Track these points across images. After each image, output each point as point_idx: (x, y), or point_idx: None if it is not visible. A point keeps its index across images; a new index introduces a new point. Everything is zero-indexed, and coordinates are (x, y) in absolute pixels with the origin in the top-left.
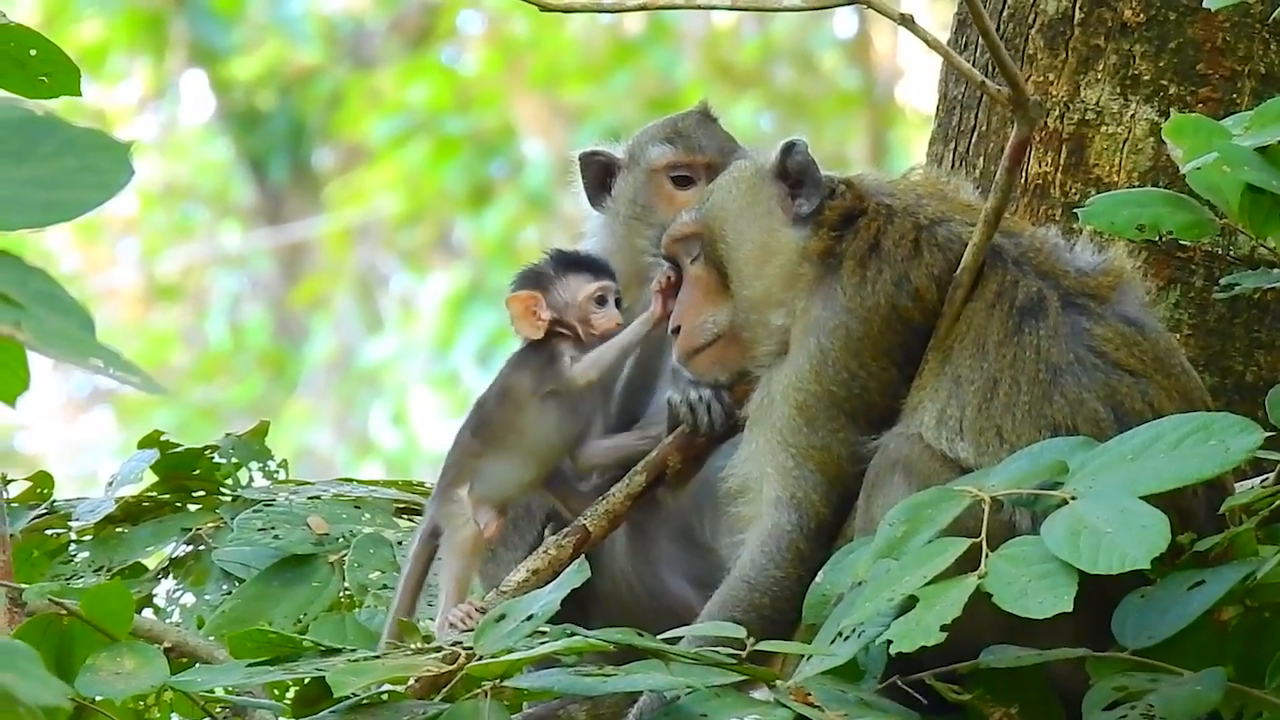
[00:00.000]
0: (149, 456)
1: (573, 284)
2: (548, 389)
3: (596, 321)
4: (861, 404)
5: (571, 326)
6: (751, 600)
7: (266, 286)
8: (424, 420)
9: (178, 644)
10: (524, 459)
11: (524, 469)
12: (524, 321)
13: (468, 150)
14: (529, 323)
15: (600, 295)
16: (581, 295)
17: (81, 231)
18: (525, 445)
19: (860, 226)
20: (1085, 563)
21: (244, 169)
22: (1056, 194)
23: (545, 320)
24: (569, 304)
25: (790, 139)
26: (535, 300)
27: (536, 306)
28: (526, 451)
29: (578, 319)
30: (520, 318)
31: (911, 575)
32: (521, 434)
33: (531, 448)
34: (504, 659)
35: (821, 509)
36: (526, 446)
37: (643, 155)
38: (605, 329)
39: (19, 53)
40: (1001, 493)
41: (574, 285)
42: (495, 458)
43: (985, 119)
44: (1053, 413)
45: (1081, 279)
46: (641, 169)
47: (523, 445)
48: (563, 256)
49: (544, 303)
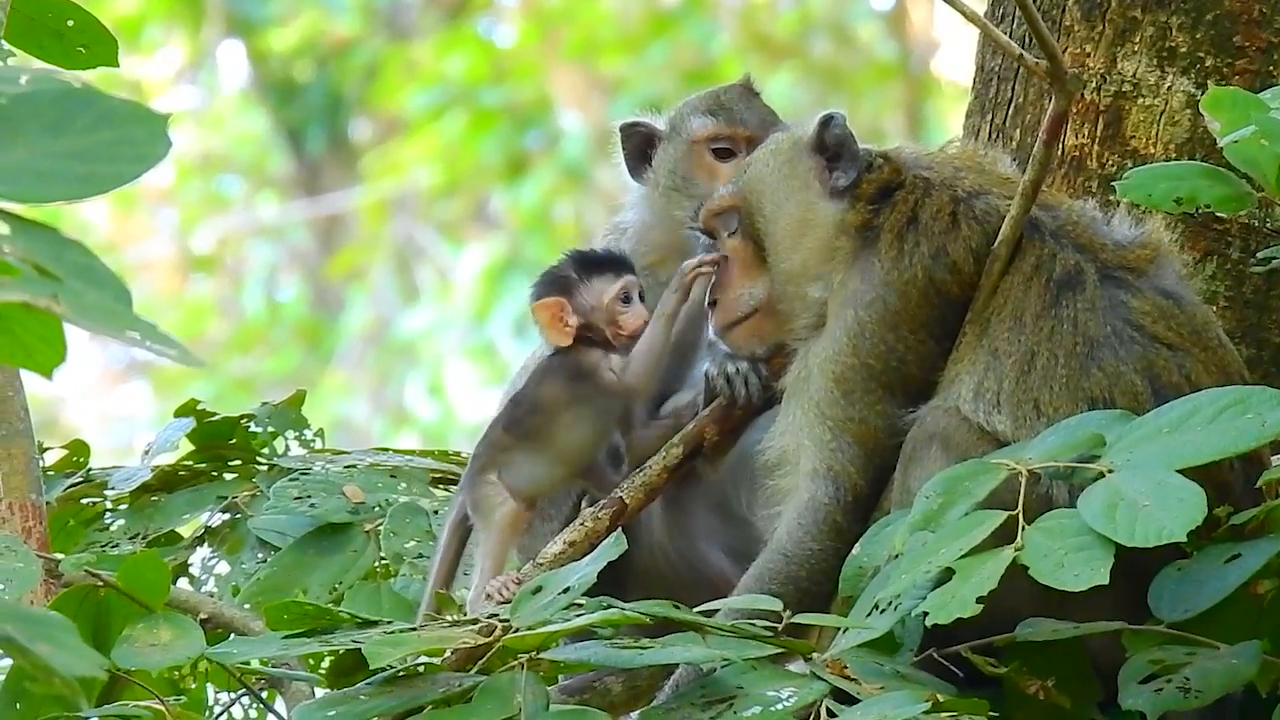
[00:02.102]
0: (185, 425)
1: (597, 286)
2: (583, 397)
3: (624, 321)
4: (899, 377)
5: (599, 330)
6: (788, 573)
7: (303, 258)
8: (460, 391)
9: (214, 615)
10: (554, 460)
11: (554, 468)
12: (552, 330)
13: (504, 122)
14: (557, 330)
15: (625, 294)
16: (607, 297)
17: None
18: (556, 448)
19: (898, 199)
20: (1122, 535)
21: (281, 140)
22: (1093, 166)
23: (573, 326)
24: (595, 307)
25: (828, 112)
26: (561, 306)
27: (563, 313)
28: (557, 454)
29: (605, 321)
30: (548, 326)
31: (948, 548)
32: (552, 439)
33: (562, 451)
34: (540, 631)
35: (858, 481)
36: (557, 450)
37: (684, 127)
38: (634, 328)
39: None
40: (1038, 465)
41: (598, 287)
42: (525, 455)
43: (1022, 91)
44: (1090, 386)
45: (1119, 252)
46: (682, 140)
47: (553, 448)
48: (583, 258)
49: (570, 308)
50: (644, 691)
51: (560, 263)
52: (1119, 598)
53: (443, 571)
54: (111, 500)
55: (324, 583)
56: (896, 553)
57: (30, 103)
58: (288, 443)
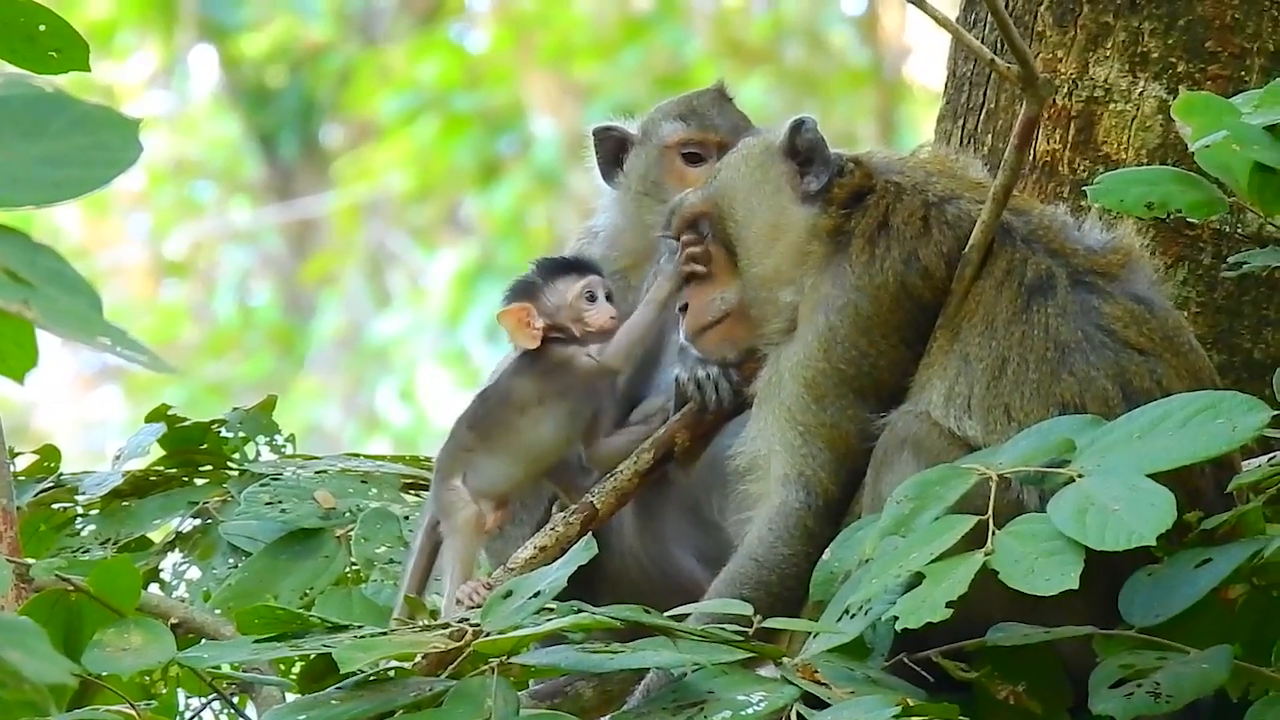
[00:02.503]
0: (156, 430)
1: (560, 287)
2: (551, 394)
3: (590, 318)
4: (870, 382)
5: (566, 328)
6: (759, 577)
7: (275, 263)
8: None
9: (185, 620)
10: (517, 459)
11: (516, 468)
12: (519, 333)
13: (477, 127)
14: (524, 334)
15: (589, 292)
16: (570, 295)
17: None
18: (520, 446)
19: (869, 204)
20: (1092, 540)
21: (253, 145)
22: (1065, 171)
23: (539, 329)
24: (560, 306)
25: (799, 116)
26: (526, 311)
27: (529, 317)
28: (520, 452)
29: (571, 319)
30: (515, 330)
31: (919, 552)
32: (518, 435)
33: (526, 449)
34: (511, 636)
35: (830, 486)
36: (521, 447)
37: (656, 132)
38: (600, 323)
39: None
40: (1009, 470)
41: (561, 288)
42: (488, 454)
43: (994, 96)
44: (1061, 391)
45: (1090, 257)
46: (654, 145)
47: (518, 446)
48: (546, 263)
49: (534, 312)
50: (615, 696)
51: (526, 270)
52: (1090, 602)
53: (415, 577)
54: (83, 505)
55: (295, 588)
56: (867, 557)
57: (2, 108)
58: (259, 448)
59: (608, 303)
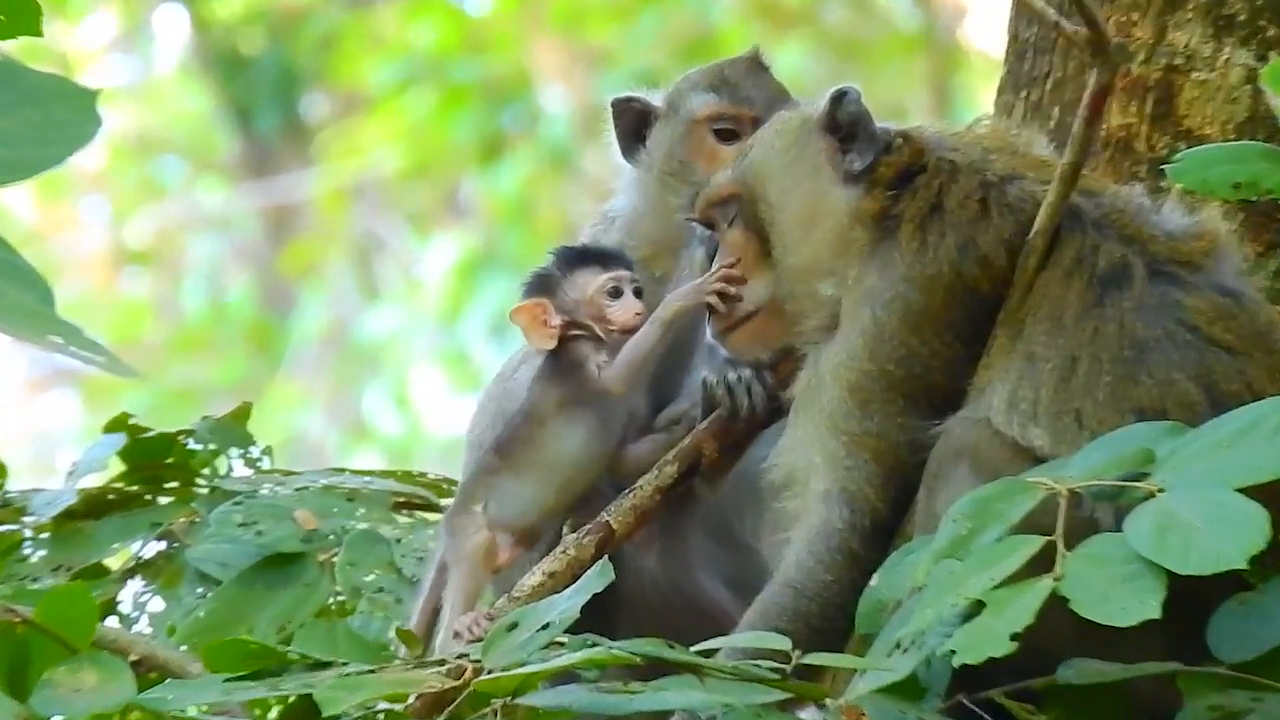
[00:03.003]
0: (115, 442)
1: (580, 280)
2: (573, 400)
3: (613, 316)
4: (922, 385)
5: (587, 326)
6: (798, 607)
7: (251, 251)
8: (428, 402)
9: (146, 656)
10: (542, 480)
11: (543, 491)
12: (534, 333)
13: (478, 99)
14: (539, 333)
15: (613, 286)
16: (591, 289)
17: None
18: (544, 464)
19: (920, 185)
20: (1174, 563)
21: (226, 119)
22: (1142, 148)
23: (556, 327)
24: (579, 302)
25: (841, 87)
26: (542, 308)
27: (545, 314)
28: (546, 470)
29: (592, 317)
30: (530, 330)
31: (978, 578)
32: (540, 450)
33: (552, 467)
34: (516, 673)
35: (877, 504)
36: (546, 465)
37: (683, 104)
38: (624, 322)
39: None
40: (1080, 484)
41: (581, 281)
42: (513, 476)
43: (1061, 64)
44: (1138, 394)
45: (1170, 244)
46: (681, 119)
47: (542, 463)
48: (567, 252)
49: (551, 309)
50: None
51: (545, 261)
52: (1172, 635)
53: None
54: (31, 528)
55: (272, 620)
56: (920, 584)
57: None
58: (231, 462)
59: (635, 299)
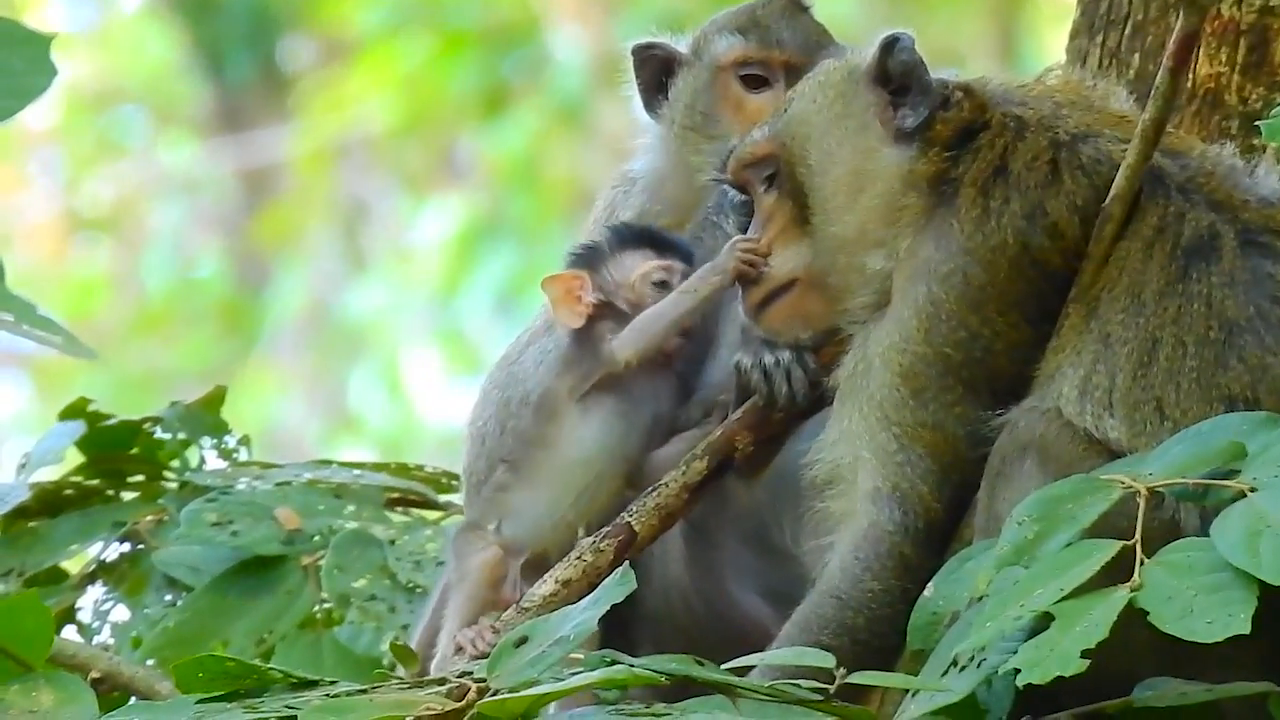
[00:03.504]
0: (73, 431)
1: (627, 261)
2: (588, 386)
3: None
4: (983, 370)
5: (622, 314)
6: (842, 619)
7: (222, 218)
8: (422, 389)
9: (108, 673)
10: (560, 485)
11: (560, 499)
12: (562, 307)
13: (479, 45)
14: (568, 308)
15: (661, 277)
16: (635, 274)
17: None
18: (560, 466)
19: (982, 144)
20: (1267, 572)
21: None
22: (1233, 102)
23: (588, 305)
24: (620, 284)
25: (892, 32)
26: (579, 282)
27: (580, 289)
28: (562, 475)
29: (630, 303)
30: (559, 303)
31: (1046, 588)
32: (554, 450)
33: (568, 469)
34: (525, 694)
35: (932, 504)
36: (562, 467)
37: (708, 48)
38: None
39: None
40: (1161, 483)
41: (629, 262)
42: (527, 488)
43: (1142, 5)
44: (1227, 381)
45: (1265, 211)
46: (705, 66)
47: (557, 466)
48: (623, 229)
49: (589, 284)
50: None
51: (600, 233)
52: (1263, 652)
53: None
54: None
55: (249, 632)
56: (980, 594)
57: None
58: (203, 453)
59: None
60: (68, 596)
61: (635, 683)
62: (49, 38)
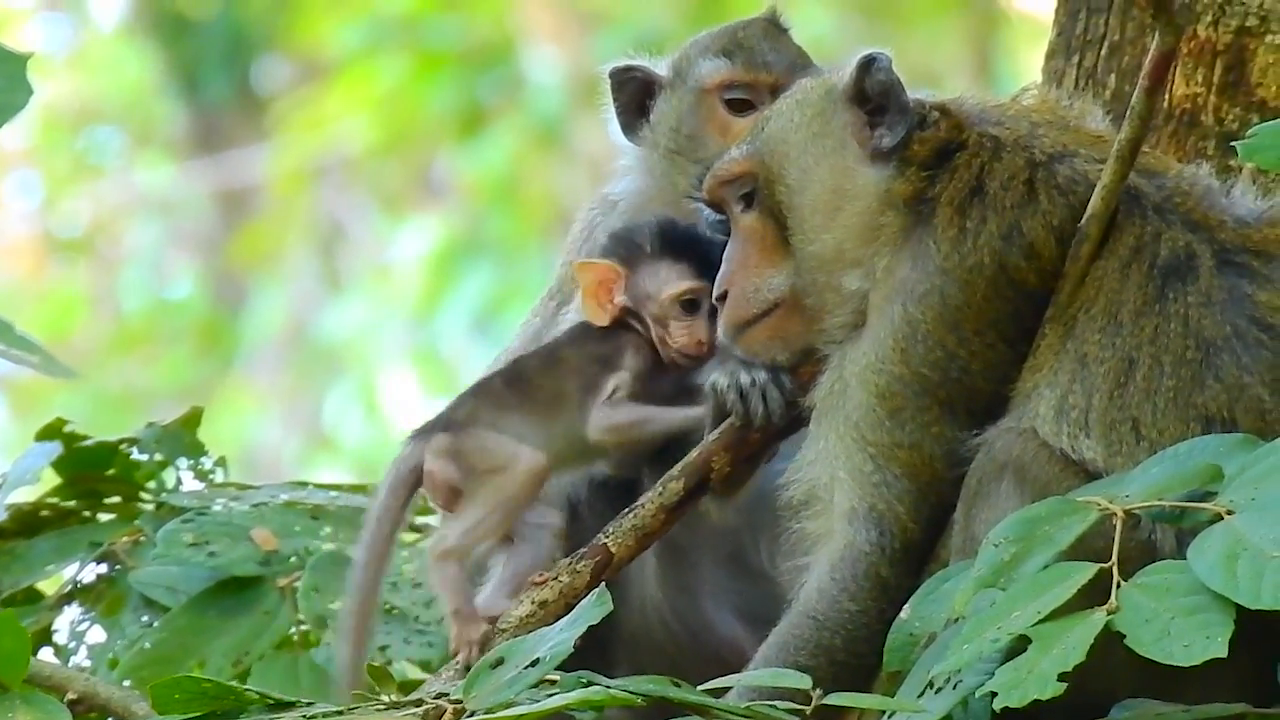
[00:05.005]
0: (49, 452)
1: (664, 273)
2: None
3: (676, 332)
4: (960, 390)
5: (645, 324)
6: (819, 640)
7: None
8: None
9: (85, 694)
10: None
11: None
12: (591, 301)
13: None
14: (597, 305)
15: (691, 299)
16: (668, 291)
17: None
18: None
19: (958, 164)
20: (1244, 595)
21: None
22: (1209, 122)
23: (617, 306)
24: (650, 297)
25: (869, 52)
26: (615, 276)
27: (614, 286)
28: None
29: (655, 317)
30: (589, 295)
31: (1023, 610)
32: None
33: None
34: (501, 715)
35: (908, 524)
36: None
37: (691, 71)
38: (684, 346)
39: None
40: (1138, 505)
41: (664, 274)
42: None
43: (1118, 26)
44: (1205, 401)
45: (1241, 231)
46: (689, 89)
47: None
48: (669, 232)
49: (623, 284)
50: None
51: (646, 225)
52: (1241, 675)
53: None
54: None
55: (226, 653)
56: (957, 615)
57: None
58: (180, 474)
59: (706, 325)
60: (44, 617)
61: (612, 703)
62: (25, 57)
